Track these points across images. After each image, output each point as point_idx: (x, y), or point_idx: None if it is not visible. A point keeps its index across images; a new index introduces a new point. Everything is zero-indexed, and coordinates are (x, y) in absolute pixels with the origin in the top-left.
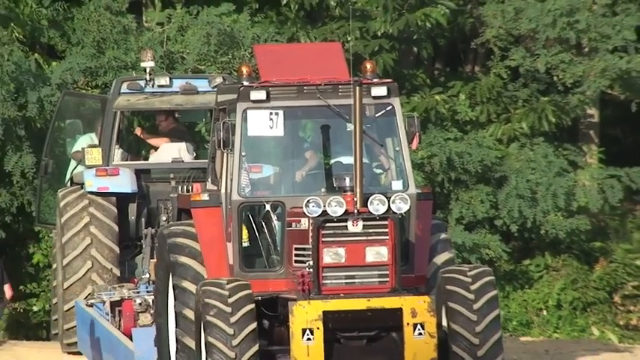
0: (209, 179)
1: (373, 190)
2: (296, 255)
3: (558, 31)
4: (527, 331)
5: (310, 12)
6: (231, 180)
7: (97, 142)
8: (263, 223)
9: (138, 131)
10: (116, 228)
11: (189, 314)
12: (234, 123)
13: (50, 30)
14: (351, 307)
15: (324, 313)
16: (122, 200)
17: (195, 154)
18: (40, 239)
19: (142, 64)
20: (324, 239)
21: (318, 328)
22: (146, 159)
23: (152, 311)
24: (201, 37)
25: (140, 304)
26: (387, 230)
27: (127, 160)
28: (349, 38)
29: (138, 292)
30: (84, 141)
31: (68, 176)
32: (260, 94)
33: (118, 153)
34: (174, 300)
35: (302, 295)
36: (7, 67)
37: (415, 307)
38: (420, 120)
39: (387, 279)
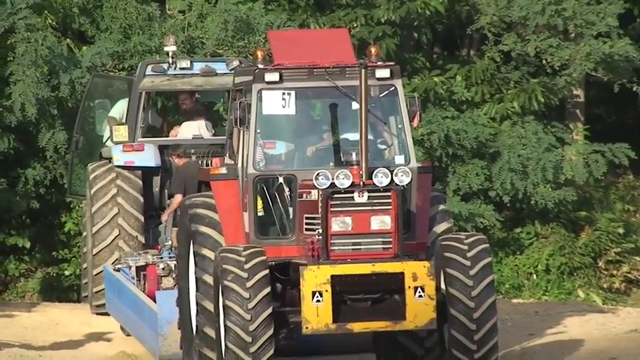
0: (227, 154)
1: (377, 164)
2: (306, 224)
3: (547, 18)
4: (518, 294)
5: (319, 0)
6: (247, 155)
7: None
8: (276, 195)
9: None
10: (141, 199)
11: (209, 279)
12: (250, 102)
13: (81, 17)
14: (357, 271)
15: (332, 276)
16: (147, 173)
17: (213, 131)
18: (72, 209)
19: (165, 49)
20: (332, 209)
21: (326, 291)
22: (167, 136)
23: (174, 275)
24: (219, 23)
25: (163, 268)
26: (390, 201)
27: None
28: (355, 25)
29: (161, 258)
30: (120, 105)
31: (106, 138)
32: (274, 76)
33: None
34: (195, 266)
35: (312, 261)
36: (41, 51)
37: (416, 272)
38: (420, 100)
39: (390, 246)
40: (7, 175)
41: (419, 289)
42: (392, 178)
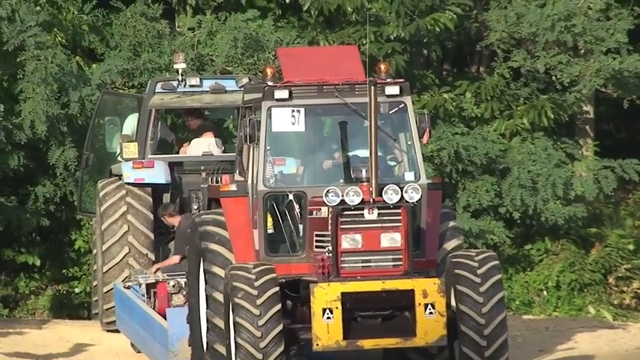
0: (237, 171)
1: (387, 181)
2: (316, 241)
3: (556, 34)
4: (529, 310)
5: (329, 17)
6: (257, 172)
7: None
8: (286, 212)
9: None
10: (151, 216)
11: (219, 297)
12: (260, 120)
13: (90, 35)
14: (367, 288)
15: (343, 294)
16: (157, 190)
17: (223, 148)
18: (82, 226)
19: (175, 66)
20: (342, 226)
21: (337, 308)
22: (177, 153)
23: (184, 293)
24: (228, 40)
25: (173, 286)
26: (400, 218)
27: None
28: (365, 42)
29: (171, 276)
30: (131, 120)
31: (117, 151)
32: (283, 94)
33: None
34: (205, 283)
35: (322, 278)
36: (50, 68)
37: (426, 289)
38: (429, 116)
39: (401, 263)
40: (17, 192)
41: (429, 306)
42: (402, 195)
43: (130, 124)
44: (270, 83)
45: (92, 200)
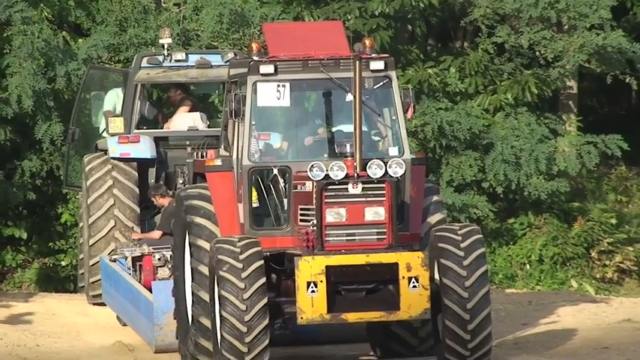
0: (222, 146)
1: (372, 156)
2: (301, 215)
3: (540, 10)
4: (511, 284)
5: None
6: (242, 147)
7: (122, 96)
8: (271, 186)
9: (159, 118)
10: (137, 190)
11: (204, 270)
12: (245, 94)
13: (77, 10)
14: (351, 262)
15: (327, 267)
16: (142, 165)
17: (208, 123)
18: (68, 200)
19: (161, 41)
20: (326, 200)
21: (321, 281)
22: (162, 128)
23: (170, 266)
24: (214, 16)
25: (159, 259)
26: (384, 192)
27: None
28: (349, 17)
29: (157, 249)
30: (111, 97)
31: (101, 128)
32: (268, 68)
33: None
34: (190, 257)
35: (307, 251)
36: (37, 43)
37: (410, 262)
38: (414, 91)
39: (385, 236)
40: (4, 166)
41: (413, 280)
42: (386, 170)
43: (113, 99)
44: (255, 58)
45: (78, 174)
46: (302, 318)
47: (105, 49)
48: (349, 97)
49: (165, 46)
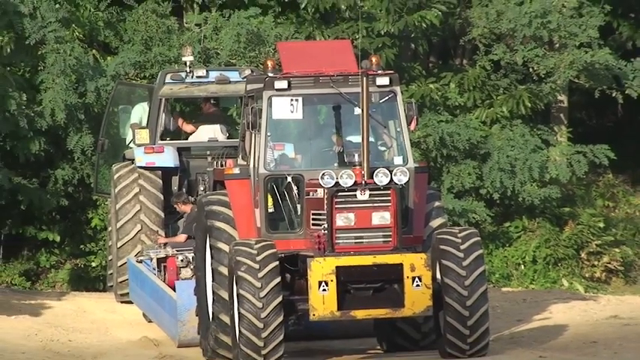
0: (240, 156)
1: (378, 165)
2: (313, 219)
3: (533, 29)
4: (507, 283)
5: (324, 14)
6: (259, 156)
7: (147, 110)
8: (285, 193)
9: (179, 122)
10: (161, 197)
11: (224, 270)
12: (261, 108)
13: (105, 30)
14: (359, 262)
15: (337, 267)
16: (166, 173)
17: (227, 134)
18: (98, 206)
19: (183, 59)
20: (336, 206)
21: (332, 281)
22: (185, 139)
23: (192, 267)
24: (232, 36)
25: (182, 260)
26: (389, 198)
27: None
28: (357, 36)
29: (179, 251)
30: (138, 110)
31: (128, 139)
32: (282, 84)
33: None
34: (211, 258)
35: (318, 253)
36: (69, 61)
37: (414, 263)
38: (416, 105)
39: (390, 239)
40: (39, 175)
41: (416, 279)
42: (391, 178)
43: (137, 112)
44: (270, 74)
45: (107, 182)
46: (314, 315)
47: (131, 66)
48: (357, 110)
49: (188, 64)
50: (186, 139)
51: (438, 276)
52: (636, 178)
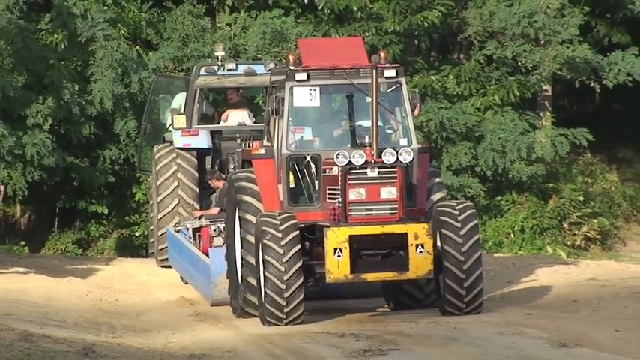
0: (265, 138)
1: (386, 146)
2: (329, 194)
3: (521, 28)
4: (499, 249)
5: (339, 15)
6: (281, 139)
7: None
8: (305, 170)
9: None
10: (196, 174)
11: (251, 239)
12: (284, 97)
13: (147, 29)
14: (369, 232)
15: (350, 236)
16: (201, 154)
17: (254, 119)
18: (141, 182)
19: (216, 54)
20: (349, 182)
21: (345, 248)
22: (217, 124)
23: (223, 235)
24: (258, 34)
25: (214, 230)
26: (396, 175)
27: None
28: (367, 34)
29: (212, 221)
30: (178, 98)
31: (168, 124)
32: (302, 76)
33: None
34: (240, 228)
35: (333, 223)
36: (116, 56)
37: (417, 232)
38: (420, 94)
39: (396, 211)
40: (89, 155)
41: (419, 246)
42: (397, 157)
43: (178, 100)
44: (291, 67)
45: (149, 161)
46: (330, 277)
47: (170, 61)
48: (367, 98)
49: (219, 58)
50: (219, 123)
51: (439, 243)
52: (612, 157)
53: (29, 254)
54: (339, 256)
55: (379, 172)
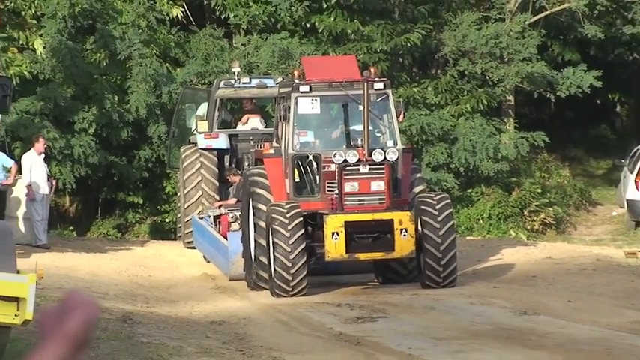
0: (274, 140)
1: (375, 146)
2: (328, 187)
3: (489, 48)
4: (470, 233)
5: (336, 36)
6: (288, 141)
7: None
8: (307, 167)
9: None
10: (216, 170)
11: (263, 224)
12: (290, 105)
13: (175, 48)
14: (362, 219)
15: (345, 222)
16: (220, 153)
17: (265, 125)
18: (170, 178)
19: (232, 69)
20: (345, 177)
21: (341, 232)
22: (234, 128)
23: (239, 222)
24: (268, 52)
25: (232, 217)
26: (384, 171)
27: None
28: (360, 53)
29: (230, 210)
30: (203, 107)
31: (193, 128)
32: (305, 88)
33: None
34: (253, 215)
35: (331, 211)
36: (149, 72)
37: (401, 219)
38: (403, 103)
39: (384, 202)
40: (127, 154)
41: (404, 230)
42: (385, 156)
43: (202, 108)
44: (296, 81)
45: (177, 160)
46: (328, 256)
47: (195, 75)
48: (360, 107)
49: (236, 73)
50: (235, 128)
51: (420, 228)
52: (564, 156)
53: (76, 238)
54: (336, 238)
55: (370, 168)
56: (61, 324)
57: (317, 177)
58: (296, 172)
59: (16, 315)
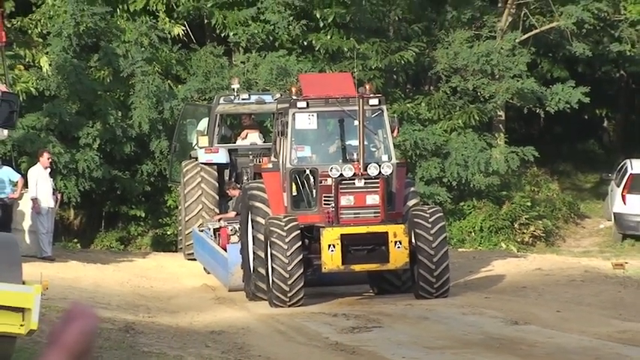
0: (272, 154)
1: (370, 161)
2: (324, 200)
3: (480, 65)
4: (462, 245)
5: (332, 54)
6: (286, 155)
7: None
8: (305, 181)
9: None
10: (217, 184)
11: (261, 237)
12: (287, 121)
13: (177, 66)
14: (357, 231)
15: (341, 235)
16: (220, 167)
17: (264, 140)
18: (171, 191)
19: (232, 86)
20: (341, 190)
21: (337, 244)
22: (234, 143)
23: (239, 234)
24: (267, 70)
25: (231, 230)
26: (379, 185)
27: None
28: (355, 70)
29: (230, 223)
30: (203, 122)
31: (194, 142)
32: (303, 104)
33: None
34: (252, 228)
35: (328, 224)
36: (151, 88)
37: (396, 231)
38: (398, 119)
39: (379, 214)
40: (130, 168)
41: (398, 243)
42: (380, 170)
43: (202, 124)
44: (294, 97)
45: (178, 174)
46: (325, 268)
47: (195, 92)
48: (355, 122)
49: (235, 89)
50: (235, 143)
51: (413, 240)
52: (553, 170)
53: (81, 249)
54: (332, 251)
55: (365, 182)
56: (60, 335)
57: (314, 191)
58: (294, 186)
59: (21, 325)
